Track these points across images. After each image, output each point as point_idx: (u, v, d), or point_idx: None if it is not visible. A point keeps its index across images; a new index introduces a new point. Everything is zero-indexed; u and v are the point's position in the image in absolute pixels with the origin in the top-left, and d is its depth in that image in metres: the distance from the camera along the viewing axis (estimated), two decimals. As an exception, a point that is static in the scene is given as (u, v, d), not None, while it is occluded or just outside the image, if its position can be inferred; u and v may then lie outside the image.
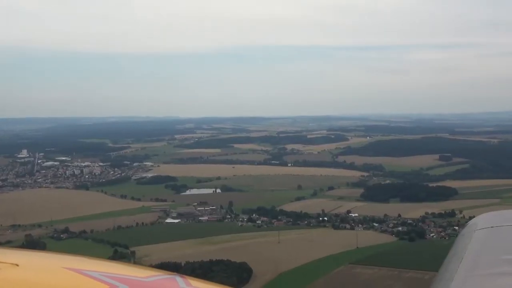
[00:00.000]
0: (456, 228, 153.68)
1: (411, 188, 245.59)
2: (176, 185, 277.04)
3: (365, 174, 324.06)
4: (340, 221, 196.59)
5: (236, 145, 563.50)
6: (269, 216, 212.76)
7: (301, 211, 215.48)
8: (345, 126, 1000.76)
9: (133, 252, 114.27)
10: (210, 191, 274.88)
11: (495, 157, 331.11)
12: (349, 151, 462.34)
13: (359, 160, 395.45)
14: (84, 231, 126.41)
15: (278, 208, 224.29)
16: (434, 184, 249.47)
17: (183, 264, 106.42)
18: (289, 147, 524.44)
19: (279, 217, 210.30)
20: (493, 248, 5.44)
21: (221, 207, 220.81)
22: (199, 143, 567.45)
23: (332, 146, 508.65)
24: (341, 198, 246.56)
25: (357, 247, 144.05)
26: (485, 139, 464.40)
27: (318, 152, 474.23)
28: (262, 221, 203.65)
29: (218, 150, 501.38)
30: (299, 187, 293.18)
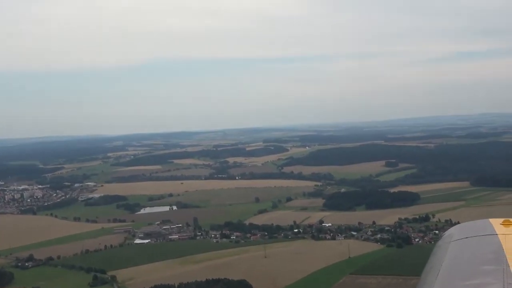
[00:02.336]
0: (437, 232, 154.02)
1: (373, 195, 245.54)
2: (128, 204, 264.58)
3: (318, 183, 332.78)
4: (317, 232, 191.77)
5: (175, 161, 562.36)
6: (240, 231, 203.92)
7: (272, 224, 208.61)
8: (279, 137, 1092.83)
9: (114, 277, 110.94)
10: (166, 208, 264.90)
11: (437, 160, 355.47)
12: (292, 161, 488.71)
13: (305, 170, 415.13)
14: (51, 258, 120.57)
15: (246, 222, 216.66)
16: (393, 190, 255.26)
17: (176, 286, 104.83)
18: (231, 160, 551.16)
19: (252, 231, 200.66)
20: (469, 259, 5.38)
21: (187, 224, 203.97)
22: (137, 160, 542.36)
23: (274, 157, 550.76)
24: (304, 208, 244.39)
25: (349, 257, 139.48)
26: (420, 144, 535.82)
27: (262, 164, 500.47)
28: (237, 237, 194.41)
29: (158, 167, 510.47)
30: (257, 200, 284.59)
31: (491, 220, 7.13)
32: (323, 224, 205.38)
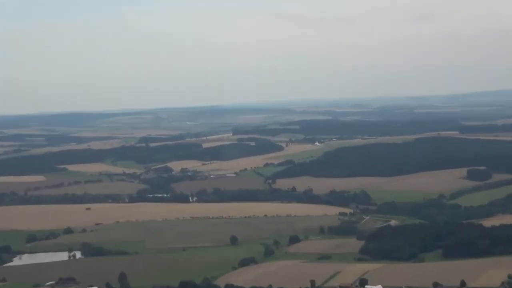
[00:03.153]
0: None
1: (453, 233, 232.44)
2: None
3: (344, 210, 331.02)
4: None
5: (71, 167, 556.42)
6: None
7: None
8: (261, 123, 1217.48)
9: None
10: (62, 256, 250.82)
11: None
12: (292, 169, 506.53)
13: (317, 184, 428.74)
14: None
15: (219, 284, 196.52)
16: (488, 222, 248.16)
17: None
18: (175, 166, 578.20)
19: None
20: None
21: (107, 286, 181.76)
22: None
23: (256, 161, 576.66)
24: (326, 257, 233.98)
25: None
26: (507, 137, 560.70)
27: (236, 174, 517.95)
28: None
29: (39, 178, 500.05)
30: (234, 240, 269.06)
31: None
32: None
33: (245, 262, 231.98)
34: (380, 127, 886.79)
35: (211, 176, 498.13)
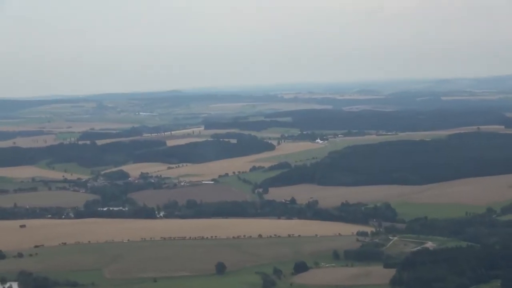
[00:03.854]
0: None
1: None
2: None
3: (363, 228, 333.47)
4: None
5: None
6: None
7: None
8: (240, 114, 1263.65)
9: None
10: None
11: None
12: (291, 175, 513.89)
13: (323, 194, 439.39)
14: None
15: None
16: None
17: None
18: (132, 170, 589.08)
19: None
20: None
21: None
22: None
23: (241, 163, 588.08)
24: None
25: None
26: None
27: (214, 182, 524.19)
28: None
29: None
30: (220, 268, 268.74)
31: None
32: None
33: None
34: (400, 119, 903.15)
35: (182, 184, 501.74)
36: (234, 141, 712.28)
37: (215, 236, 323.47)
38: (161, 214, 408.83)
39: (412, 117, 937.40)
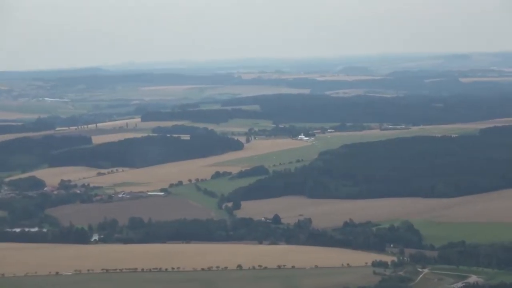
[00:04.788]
0: None
1: None
2: None
3: (379, 257, 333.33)
4: None
5: None
6: None
7: None
8: (186, 99, 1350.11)
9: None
10: None
11: None
12: (270, 184, 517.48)
13: (316, 210, 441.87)
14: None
15: None
16: None
17: None
18: (48, 176, 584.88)
19: None
20: None
21: None
22: None
23: (199, 168, 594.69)
24: None
25: None
26: None
27: (166, 192, 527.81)
28: None
29: None
30: None
31: None
32: None
33: None
34: (409, 108, 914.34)
35: (121, 196, 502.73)
36: (186, 137, 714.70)
37: (178, 268, 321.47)
38: (96, 237, 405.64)
39: (425, 105, 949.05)
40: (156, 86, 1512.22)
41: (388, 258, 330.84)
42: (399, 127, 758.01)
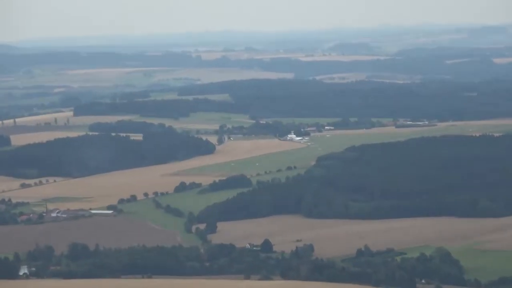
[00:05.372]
0: None
1: None
2: None
3: None
4: None
5: None
6: None
7: None
8: (130, 86, 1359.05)
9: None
10: None
11: None
12: (251, 199, 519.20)
13: (317, 235, 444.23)
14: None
15: None
16: None
17: None
18: None
19: None
20: None
21: None
22: None
23: (158, 178, 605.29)
24: None
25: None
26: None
27: (116, 210, 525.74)
28: None
29: None
30: None
31: None
32: None
33: None
34: (432, 99, 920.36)
35: (55, 216, 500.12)
36: (137, 137, 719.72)
37: None
38: (25, 270, 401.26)
39: (452, 94, 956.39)
40: (85, 69, 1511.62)
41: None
42: (420, 123, 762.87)
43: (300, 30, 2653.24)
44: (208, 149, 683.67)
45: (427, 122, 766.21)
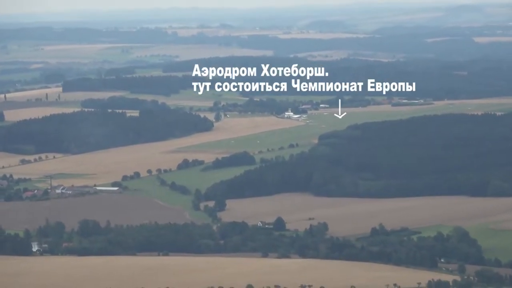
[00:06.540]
0: None
1: None
2: None
3: (429, 275, 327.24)
4: None
5: None
6: None
7: None
8: (114, 60, 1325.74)
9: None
10: None
11: None
12: (259, 176, 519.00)
13: (328, 213, 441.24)
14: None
15: None
16: None
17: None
18: None
19: None
20: None
21: None
22: None
23: (159, 154, 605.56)
24: None
25: None
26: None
27: (121, 187, 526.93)
28: None
29: None
30: None
31: None
32: None
33: None
34: (423, 78, 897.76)
35: (60, 192, 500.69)
36: (133, 113, 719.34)
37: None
38: (36, 247, 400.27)
39: (441, 73, 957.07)
40: (61, 45, 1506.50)
41: (446, 277, 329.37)
42: (416, 101, 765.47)
43: (270, 6, 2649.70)
44: (206, 126, 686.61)
45: (422, 101, 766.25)
